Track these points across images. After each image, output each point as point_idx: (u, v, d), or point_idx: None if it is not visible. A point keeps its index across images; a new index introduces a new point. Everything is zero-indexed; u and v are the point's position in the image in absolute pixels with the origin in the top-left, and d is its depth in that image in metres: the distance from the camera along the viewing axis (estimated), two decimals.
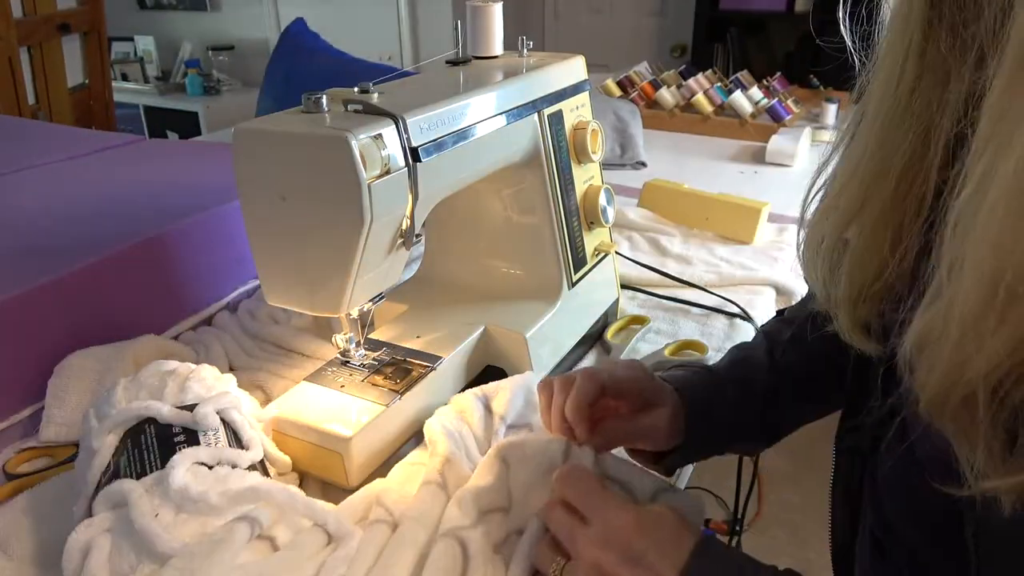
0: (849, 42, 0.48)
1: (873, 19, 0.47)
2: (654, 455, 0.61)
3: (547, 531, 0.52)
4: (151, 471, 0.52)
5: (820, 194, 0.52)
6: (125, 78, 3.66)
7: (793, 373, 0.62)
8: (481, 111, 0.67)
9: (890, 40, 0.44)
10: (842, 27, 0.49)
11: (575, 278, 0.82)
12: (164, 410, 0.56)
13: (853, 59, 0.48)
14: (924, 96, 0.42)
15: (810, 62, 2.60)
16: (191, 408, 0.58)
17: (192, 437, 0.55)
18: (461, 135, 0.64)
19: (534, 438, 0.58)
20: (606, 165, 1.52)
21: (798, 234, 0.55)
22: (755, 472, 1.08)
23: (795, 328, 0.63)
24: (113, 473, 0.53)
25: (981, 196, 0.33)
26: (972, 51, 0.38)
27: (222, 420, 0.58)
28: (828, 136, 1.70)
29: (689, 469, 0.70)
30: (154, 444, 0.55)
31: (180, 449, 0.54)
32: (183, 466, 0.51)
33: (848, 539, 0.58)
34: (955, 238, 0.35)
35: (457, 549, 0.51)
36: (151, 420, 0.57)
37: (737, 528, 1.33)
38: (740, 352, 0.65)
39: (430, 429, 0.63)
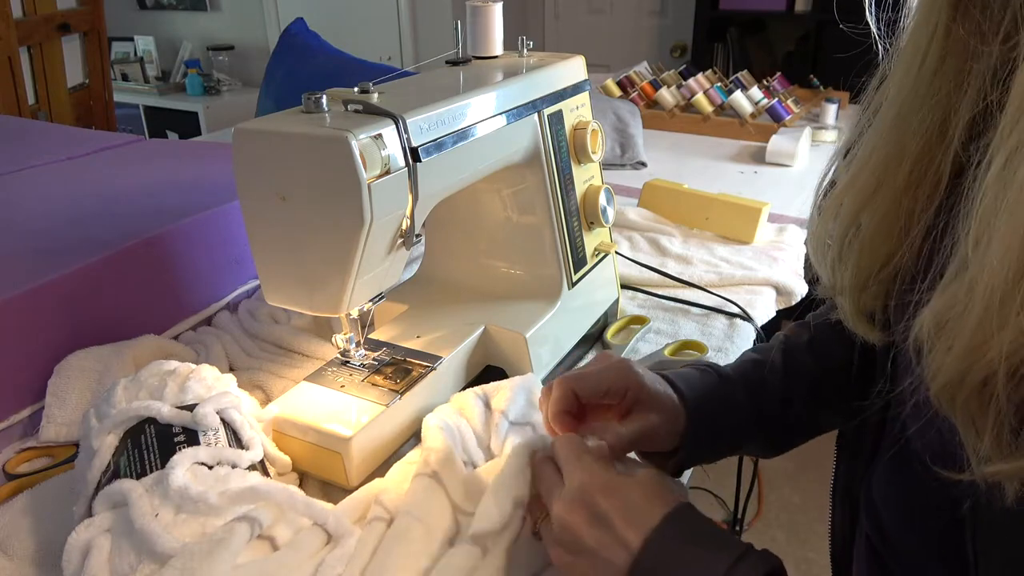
0: (874, 29, 0.47)
1: (899, 7, 0.46)
2: (661, 454, 0.59)
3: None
4: (151, 471, 0.52)
5: (834, 181, 0.51)
6: (125, 78, 3.66)
7: (809, 376, 0.60)
8: (481, 111, 0.67)
9: (915, 23, 0.43)
10: (867, 14, 0.48)
11: (575, 278, 0.82)
12: (164, 410, 0.56)
13: (876, 48, 0.48)
14: (945, 80, 0.42)
15: (810, 62, 2.60)
16: (191, 408, 0.58)
17: (192, 437, 0.55)
18: (461, 135, 0.64)
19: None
20: (606, 165, 1.52)
21: (810, 220, 0.54)
22: (755, 472, 1.08)
23: (814, 332, 0.61)
24: (113, 473, 0.53)
25: (1013, 168, 0.33)
26: (1002, 24, 0.38)
27: (222, 420, 0.58)
28: (828, 136, 1.70)
29: (690, 470, 0.70)
30: (154, 444, 0.55)
31: (180, 449, 0.54)
32: (183, 466, 0.51)
33: (847, 541, 0.58)
34: (983, 212, 0.34)
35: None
36: (151, 420, 0.57)
37: (737, 528, 1.33)
38: (754, 354, 0.63)
39: (426, 424, 0.63)
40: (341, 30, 3.26)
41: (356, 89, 0.61)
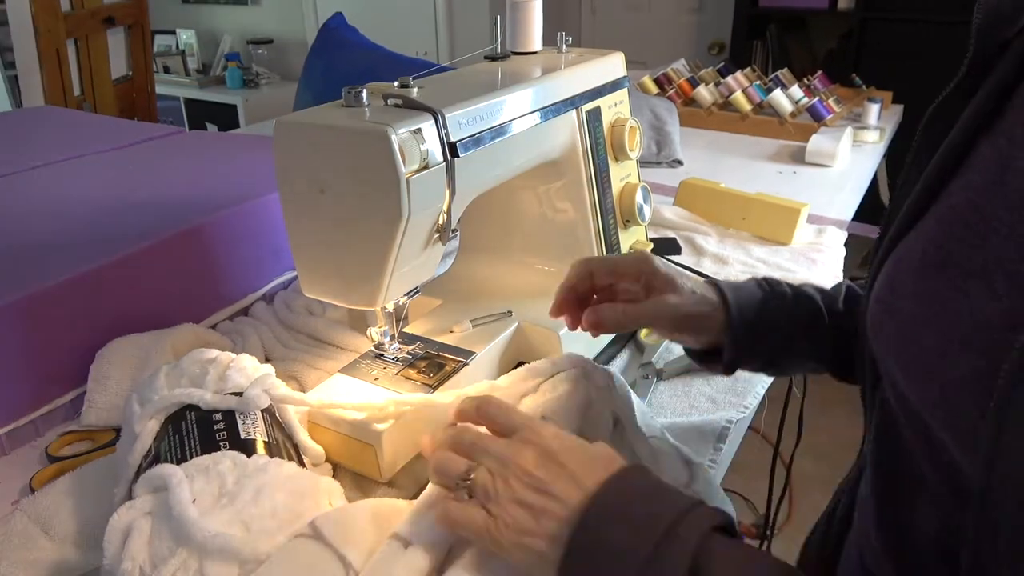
0: None
1: None
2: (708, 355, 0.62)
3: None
4: (191, 457, 0.53)
5: None
6: (167, 71, 3.73)
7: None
8: (519, 107, 0.66)
9: None
10: None
11: None
12: (207, 397, 0.57)
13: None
14: None
15: (852, 60, 2.55)
16: (233, 396, 0.59)
17: (231, 424, 0.56)
18: (499, 131, 0.64)
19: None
20: (641, 163, 1.51)
21: None
22: (788, 477, 1.07)
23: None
24: (154, 458, 0.54)
25: None
26: None
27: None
28: (870, 136, 1.67)
29: (723, 469, 0.70)
30: (194, 430, 0.55)
31: (220, 435, 0.55)
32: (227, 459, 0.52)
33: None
34: None
35: None
36: (192, 407, 0.57)
37: (767, 532, 1.31)
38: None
39: None
40: (379, 25, 3.28)
41: (396, 83, 0.61)
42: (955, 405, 0.37)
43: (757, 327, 0.59)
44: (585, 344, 0.78)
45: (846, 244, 1.15)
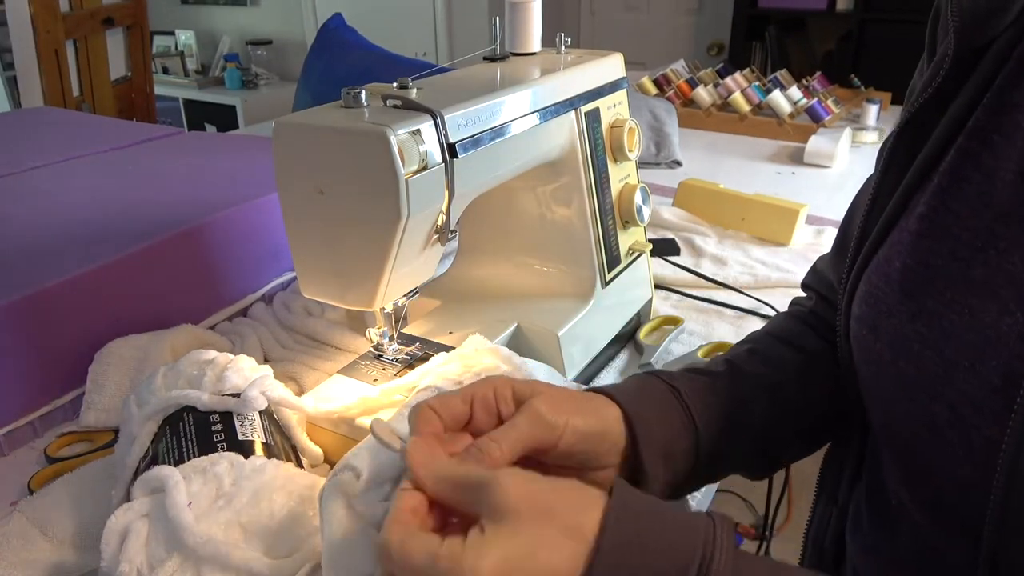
0: None
1: None
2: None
3: None
4: (188, 458, 0.53)
5: None
6: (166, 71, 3.73)
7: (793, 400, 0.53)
8: (518, 108, 0.66)
9: None
10: None
11: (608, 277, 0.81)
12: (204, 398, 0.57)
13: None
14: None
15: (851, 61, 2.56)
16: (230, 397, 0.58)
17: (229, 425, 0.56)
18: (498, 132, 0.63)
19: None
20: (640, 164, 1.51)
21: None
22: (787, 477, 1.07)
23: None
24: (151, 459, 0.54)
25: None
26: None
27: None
28: (869, 137, 1.67)
29: None
30: (192, 431, 0.55)
31: (217, 436, 0.55)
32: (224, 461, 0.52)
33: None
34: None
35: None
36: (190, 408, 0.57)
37: (766, 534, 1.31)
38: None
39: None
40: (378, 26, 3.28)
41: (395, 84, 0.61)
42: (970, 423, 0.35)
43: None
44: (584, 345, 0.78)
45: None
